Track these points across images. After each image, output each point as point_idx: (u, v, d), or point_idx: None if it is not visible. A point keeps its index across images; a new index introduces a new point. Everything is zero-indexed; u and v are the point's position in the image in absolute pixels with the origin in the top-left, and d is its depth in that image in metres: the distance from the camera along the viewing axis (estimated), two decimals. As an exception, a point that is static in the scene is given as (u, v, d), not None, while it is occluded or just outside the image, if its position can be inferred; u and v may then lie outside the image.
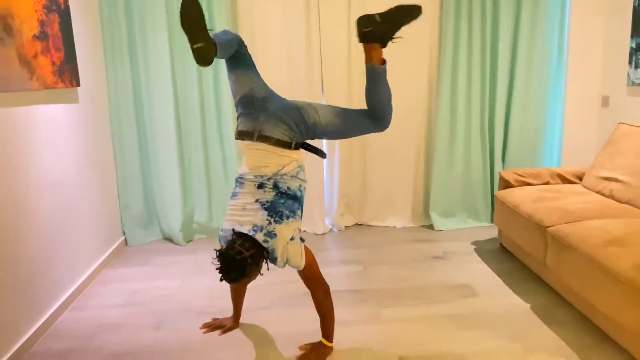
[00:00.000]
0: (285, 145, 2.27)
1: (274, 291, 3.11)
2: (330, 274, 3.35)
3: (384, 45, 2.24)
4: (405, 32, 4.00)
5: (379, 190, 4.30)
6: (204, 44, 1.97)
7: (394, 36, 2.23)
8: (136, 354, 2.48)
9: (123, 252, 3.90)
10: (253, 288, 3.16)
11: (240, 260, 2.05)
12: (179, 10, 2.14)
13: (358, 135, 2.40)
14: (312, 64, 3.97)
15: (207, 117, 4.02)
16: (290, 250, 2.22)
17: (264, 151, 2.28)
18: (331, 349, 2.40)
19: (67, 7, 3.09)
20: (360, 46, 3.99)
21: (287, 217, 2.23)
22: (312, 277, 2.30)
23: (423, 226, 4.31)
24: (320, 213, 4.21)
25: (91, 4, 3.59)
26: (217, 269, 2.07)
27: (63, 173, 3.05)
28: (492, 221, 4.26)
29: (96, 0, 3.67)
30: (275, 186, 2.25)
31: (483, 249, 3.71)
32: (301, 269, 2.26)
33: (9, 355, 2.35)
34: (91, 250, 3.41)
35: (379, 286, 3.14)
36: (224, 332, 2.64)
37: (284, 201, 2.24)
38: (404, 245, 3.86)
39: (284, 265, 2.23)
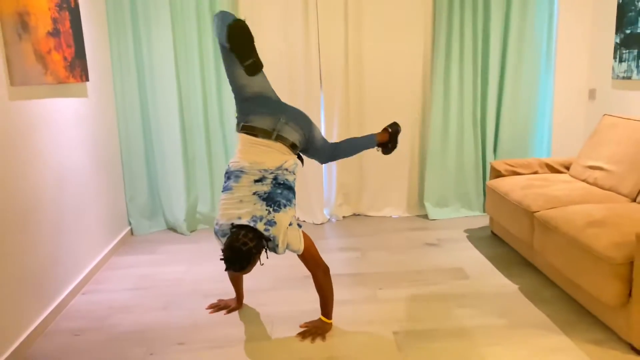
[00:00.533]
0: (295, 148, 2.51)
1: (275, 274, 3.27)
2: (330, 259, 3.51)
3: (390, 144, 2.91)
4: (401, 25, 4.17)
5: (376, 181, 4.46)
6: (254, 60, 2.35)
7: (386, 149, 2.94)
8: (147, 331, 2.63)
9: (129, 241, 4.06)
10: (255, 272, 3.32)
11: (247, 250, 2.19)
12: (228, 33, 2.31)
13: (315, 158, 2.72)
14: (311, 65, 4.12)
15: (210, 111, 4.17)
16: (290, 236, 2.37)
17: (269, 148, 2.45)
18: (330, 325, 2.56)
19: (77, 5, 3.24)
20: (360, 46, 4.16)
21: (285, 206, 2.38)
22: (311, 260, 2.45)
23: (418, 216, 4.47)
24: (319, 204, 4.37)
25: (98, 2, 3.73)
26: (221, 259, 2.22)
27: (73, 164, 3.20)
28: (484, 210, 4.42)
29: (103, -1, 3.83)
30: (275, 179, 2.41)
31: (475, 236, 3.88)
32: (300, 252, 2.41)
33: (27, 333, 2.51)
34: (99, 239, 3.56)
35: (375, 270, 3.30)
36: (229, 312, 2.80)
37: (280, 191, 2.40)
38: (399, 233, 4.03)
39: (285, 251, 2.38)
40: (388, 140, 2.90)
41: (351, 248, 3.73)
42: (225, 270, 2.23)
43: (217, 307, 2.85)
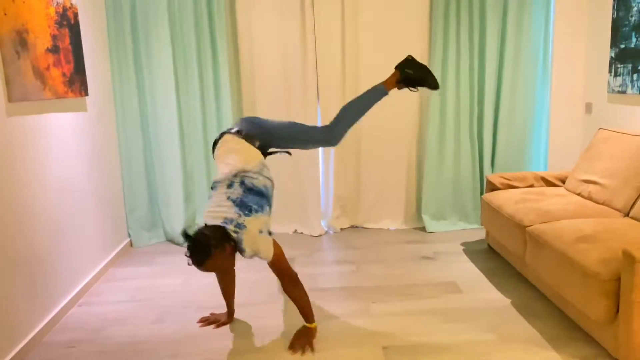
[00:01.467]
0: (261, 147, 2.65)
1: (266, 288, 3.30)
2: (324, 273, 3.53)
3: (405, 84, 2.79)
4: (397, 39, 4.21)
5: (373, 193, 4.48)
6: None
7: (413, 86, 2.80)
8: (140, 344, 2.67)
9: (128, 252, 4.10)
10: (246, 285, 3.35)
11: (205, 244, 2.22)
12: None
13: (306, 143, 2.76)
14: (307, 66, 4.17)
15: (208, 125, 4.22)
16: (260, 243, 2.39)
17: (230, 149, 2.58)
18: (315, 328, 2.59)
19: (77, 22, 3.31)
20: (357, 50, 4.20)
21: (256, 211, 2.42)
22: (279, 268, 2.49)
23: (415, 228, 4.49)
24: (317, 215, 4.40)
25: (99, 19, 3.81)
26: (186, 250, 2.26)
27: (73, 177, 3.25)
28: (481, 223, 4.43)
29: (104, 15, 3.90)
30: (242, 183, 2.47)
31: (471, 250, 3.89)
32: (269, 259, 2.44)
33: (22, 345, 2.55)
34: (98, 251, 3.61)
35: (369, 284, 3.32)
36: (218, 326, 2.83)
37: (252, 196, 2.46)
38: (396, 246, 4.04)
39: (251, 257, 2.42)
40: (401, 75, 2.77)
41: (346, 261, 3.75)
42: (189, 265, 2.27)
43: (207, 321, 2.87)
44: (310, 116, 4.26)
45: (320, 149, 4.38)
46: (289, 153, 2.86)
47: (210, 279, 3.51)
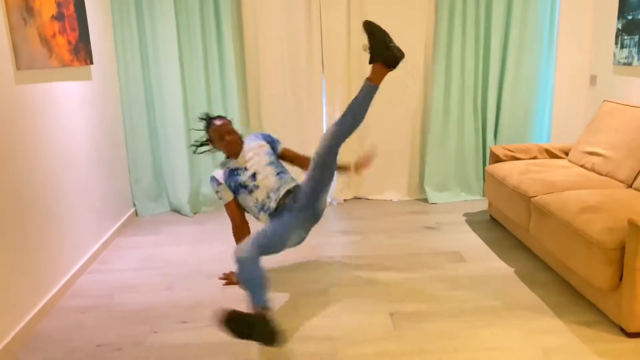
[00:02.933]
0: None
1: (278, 258, 3.35)
2: (331, 242, 3.58)
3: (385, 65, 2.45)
4: (403, 13, 4.18)
5: (377, 165, 4.51)
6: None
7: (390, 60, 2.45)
8: (151, 310, 2.72)
9: (134, 222, 4.14)
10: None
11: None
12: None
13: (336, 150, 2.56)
14: (312, 37, 4.15)
15: (213, 94, 4.21)
16: None
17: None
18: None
19: (80, -12, 3.27)
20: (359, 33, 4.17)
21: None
22: None
23: (418, 199, 4.53)
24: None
25: (102, -14, 3.76)
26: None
27: (78, 146, 3.26)
28: (483, 195, 4.47)
29: (106, -18, 3.84)
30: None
31: (473, 220, 3.93)
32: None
33: (35, 311, 2.59)
34: (104, 220, 3.63)
35: (375, 253, 3.37)
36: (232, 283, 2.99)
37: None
38: (399, 216, 4.09)
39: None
40: (372, 53, 2.45)
41: (352, 231, 3.79)
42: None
43: (228, 279, 2.95)
44: (315, 90, 4.25)
45: (324, 119, 4.39)
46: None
47: (218, 247, 3.55)
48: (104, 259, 3.42)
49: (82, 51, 3.27)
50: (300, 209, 2.62)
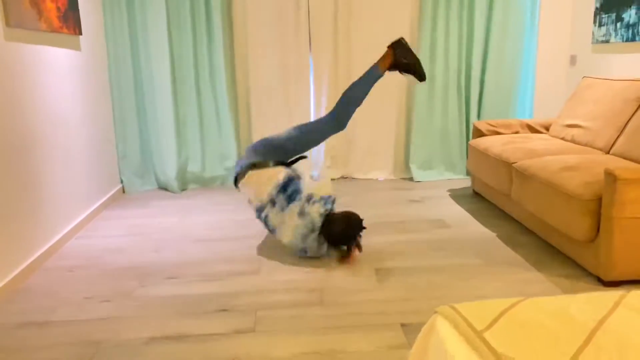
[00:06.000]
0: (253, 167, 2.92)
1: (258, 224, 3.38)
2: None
3: (396, 69, 2.94)
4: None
5: (363, 145, 4.57)
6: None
7: (404, 70, 2.96)
8: (139, 268, 2.74)
9: (121, 198, 4.14)
10: (239, 222, 3.44)
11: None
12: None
13: (320, 139, 2.96)
14: (300, 27, 4.21)
15: (201, 70, 4.25)
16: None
17: (246, 185, 2.91)
18: None
19: (70, -43, 3.30)
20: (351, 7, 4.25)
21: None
22: None
23: (403, 178, 4.60)
24: (307, 166, 4.47)
25: (91, -41, 3.79)
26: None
27: (67, 113, 3.27)
28: (467, 174, 4.56)
29: (95, -43, 3.87)
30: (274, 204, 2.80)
31: (457, 195, 4.01)
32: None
33: (22, 268, 2.60)
34: (90, 192, 3.64)
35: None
36: None
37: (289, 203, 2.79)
38: (385, 192, 4.15)
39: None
40: (394, 56, 2.90)
41: (340, 205, 3.84)
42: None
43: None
44: (303, 74, 4.31)
45: (311, 100, 4.44)
46: (305, 157, 3.07)
47: (206, 217, 3.57)
48: (91, 227, 3.43)
49: (71, 20, 3.29)
50: None
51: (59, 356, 1.95)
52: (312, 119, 4.50)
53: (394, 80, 4.45)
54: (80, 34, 3.43)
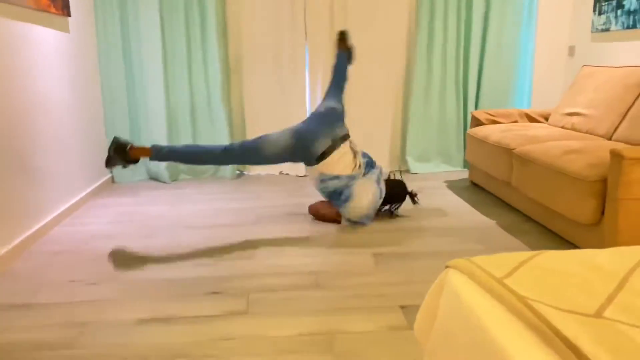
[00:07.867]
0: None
1: (252, 213, 3.29)
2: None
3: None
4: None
5: (359, 136, 4.49)
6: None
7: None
8: (127, 253, 2.63)
9: (110, 187, 4.03)
10: (234, 211, 3.34)
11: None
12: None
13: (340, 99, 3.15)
14: (296, 19, 4.13)
15: (194, 58, 4.15)
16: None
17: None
18: None
19: (60, -64, 3.20)
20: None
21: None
22: None
23: (400, 170, 4.52)
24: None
25: (81, -59, 3.69)
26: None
27: (54, 95, 3.16)
28: (464, 166, 4.49)
29: (86, -61, 3.78)
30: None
31: (455, 186, 3.94)
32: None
33: (5, 250, 2.49)
34: (79, 179, 3.53)
35: (357, 210, 3.34)
36: None
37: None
38: (381, 183, 4.07)
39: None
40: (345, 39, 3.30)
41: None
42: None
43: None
44: (298, 66, 4.23)
45: (307, 93, 4.37)
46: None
47: (197, 206, 3.48)
48: (79, 214, 3.32)
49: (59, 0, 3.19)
50: None
51: (44, 336, 1.85)
52: (308, 110, 4.42)
53: (391, 72, 4.37)
54: (69, 15, 3.33)
